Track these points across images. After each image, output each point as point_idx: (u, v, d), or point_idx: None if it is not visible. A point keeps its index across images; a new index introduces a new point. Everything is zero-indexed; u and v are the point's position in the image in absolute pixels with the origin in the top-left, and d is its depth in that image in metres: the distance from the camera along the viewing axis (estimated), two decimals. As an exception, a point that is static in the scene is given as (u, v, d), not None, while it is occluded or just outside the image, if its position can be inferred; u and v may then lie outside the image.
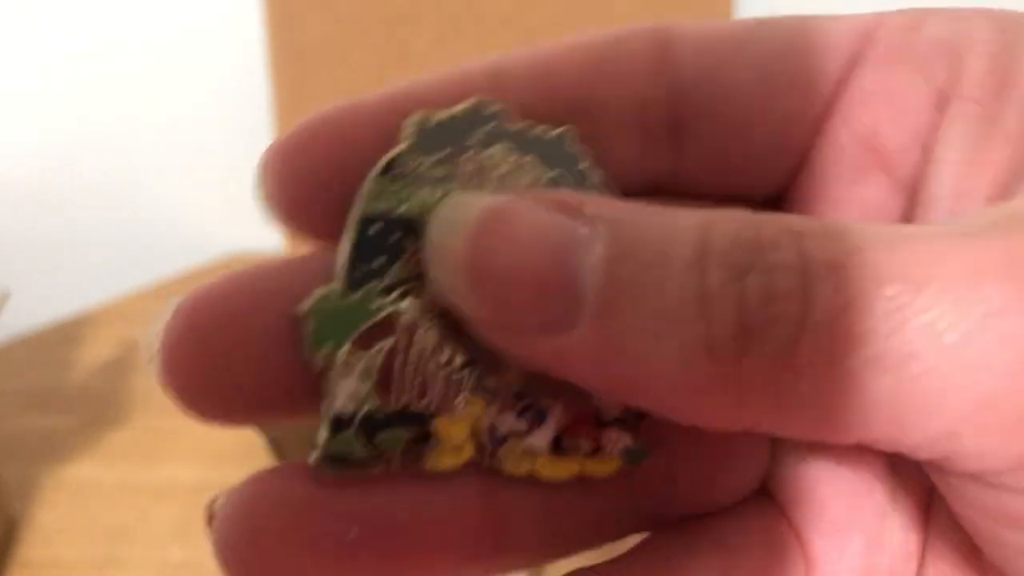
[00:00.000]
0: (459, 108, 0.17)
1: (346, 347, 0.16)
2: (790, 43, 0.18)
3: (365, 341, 0.16)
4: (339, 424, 0.16)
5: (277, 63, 0.80)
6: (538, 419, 0.16)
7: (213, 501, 0.17)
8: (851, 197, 0.18)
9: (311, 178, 0.18)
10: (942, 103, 0.17)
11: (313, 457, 0.16)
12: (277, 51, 0.79)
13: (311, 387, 0.16)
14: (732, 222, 0.14)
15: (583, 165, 0.17)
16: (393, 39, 0.80)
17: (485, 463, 0.16)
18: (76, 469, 0.67)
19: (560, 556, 0.19)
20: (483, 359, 0.16)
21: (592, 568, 0.19)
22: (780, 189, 0.19)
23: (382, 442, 0.16)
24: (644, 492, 0.19)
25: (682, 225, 0.14)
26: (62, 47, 0.84)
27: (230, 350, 0.16)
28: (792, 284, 0.13)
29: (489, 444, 0.16)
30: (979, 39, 0.16)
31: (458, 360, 0.16)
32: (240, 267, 0.18)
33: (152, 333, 0.18)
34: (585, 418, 0.17)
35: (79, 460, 0.67)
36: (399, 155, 0.17)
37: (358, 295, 0.16)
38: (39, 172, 0.91)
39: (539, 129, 0.17)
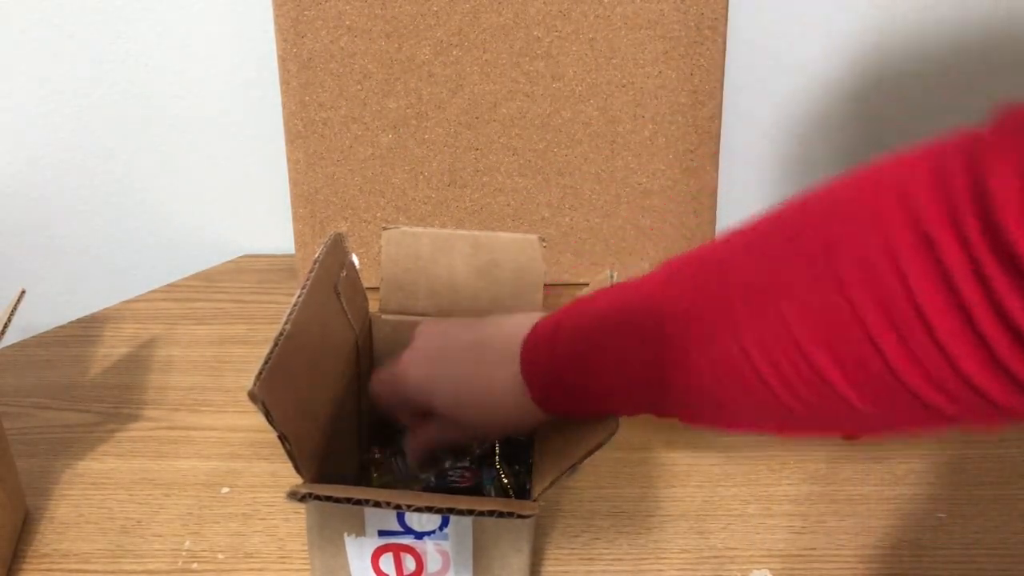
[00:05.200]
0: None
1: None
2: None
3: None
4: None
5: (287, 72, 0.81)
6: None
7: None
8: None
9: None
10: None
11: None
12: (287, 61, 0.80)
13: None
14: None
15: None
16: (398, 49, 0.81)
17: None
18: (91, 463, 0.68)
19: None
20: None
21: None
22: None
23: None
24: None
25: None
26: (83, 58, 0.86)
27: None
28: None
29: None
30: None
31: None
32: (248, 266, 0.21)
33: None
34: None
35: (94, 455, 0.69)
36: None
37: None
38: (56, 175, 0.92)
39: None
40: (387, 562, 0.52)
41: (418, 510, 0.45)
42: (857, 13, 0.86)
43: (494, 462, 0.64)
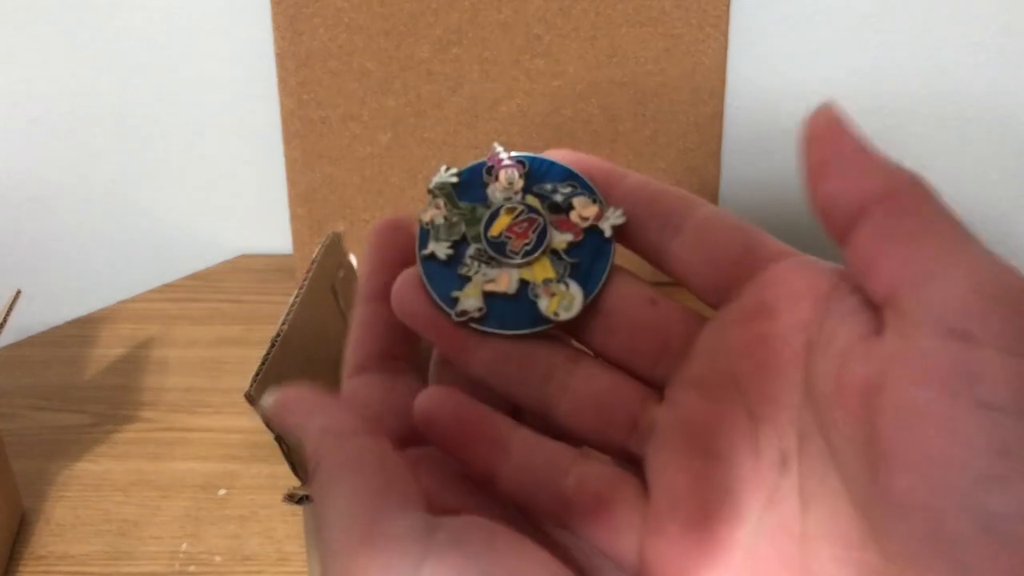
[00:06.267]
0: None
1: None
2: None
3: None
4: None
5: (285, 70, 0.80)
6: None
7: None
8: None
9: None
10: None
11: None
12: (285, 59, 0.80)
13: None
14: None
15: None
16: (397, 47, 0.81)
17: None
18: (87, 465, 0.67)
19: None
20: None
21: None
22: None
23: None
24: None
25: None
26: (76, 56, 0.85)
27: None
28: None
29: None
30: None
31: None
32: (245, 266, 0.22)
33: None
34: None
35: (90, 456, 0.68)
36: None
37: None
38: (52, 175, 0.91)
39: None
40: (386, 565, 0.51)
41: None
42: (862, 11, 0.85)
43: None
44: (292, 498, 0.45)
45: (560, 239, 0.24)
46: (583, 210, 0.24)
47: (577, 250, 0.24)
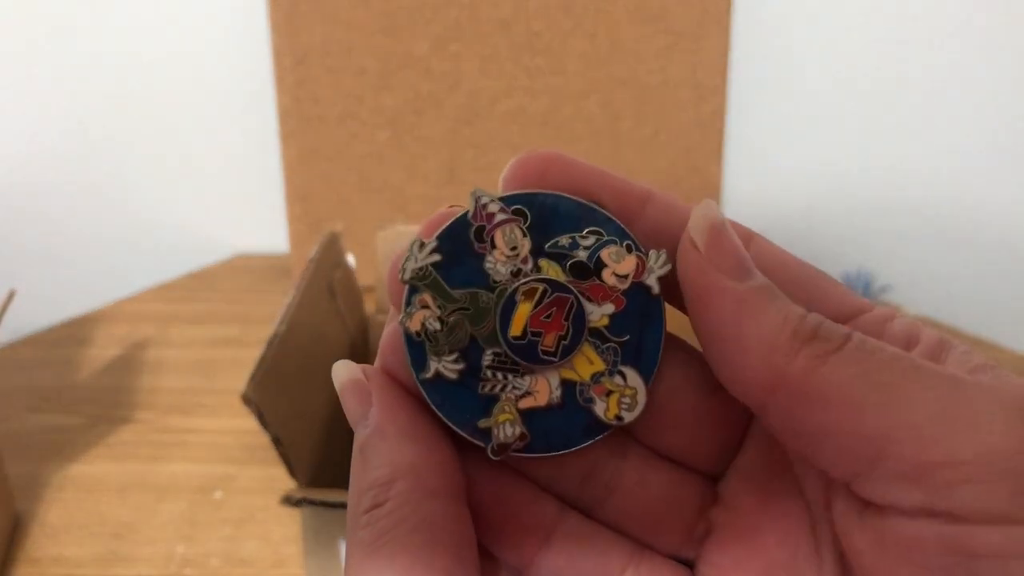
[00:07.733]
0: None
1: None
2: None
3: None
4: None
5: (282, 68, 0.80)
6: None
7: None
8: None
9: None
10: None
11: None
12: (282, 56, 0.79)
13: None
14: None
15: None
16: (395, 44, 0.80)
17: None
18: (82, 467, 0.67)
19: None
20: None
21: None
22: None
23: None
24: None
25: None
26: (71, 53, 0.85)
27: None
28: None
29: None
30: None
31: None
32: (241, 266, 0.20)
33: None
34: None
35: (85, 458, 0.68)
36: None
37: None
38: (46, 175, 0.91)
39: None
40: (384, 569, 0.51)
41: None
42: (863, 6, 0.85)
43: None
44: (289, 501, 0.44)
45: (599, 314, 0.18)
46: (618, 266, 0.18)
47: (621, 322, 0.18)
